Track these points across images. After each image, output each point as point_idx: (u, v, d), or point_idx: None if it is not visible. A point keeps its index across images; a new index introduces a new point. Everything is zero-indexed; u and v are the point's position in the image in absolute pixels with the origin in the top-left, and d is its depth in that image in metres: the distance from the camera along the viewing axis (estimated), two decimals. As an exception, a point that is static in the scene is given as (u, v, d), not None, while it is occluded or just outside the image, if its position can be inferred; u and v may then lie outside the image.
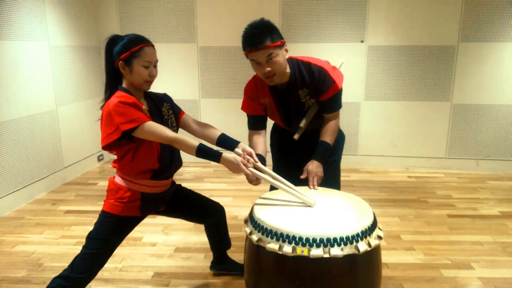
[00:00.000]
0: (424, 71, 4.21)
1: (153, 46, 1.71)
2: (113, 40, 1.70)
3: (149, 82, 1.71)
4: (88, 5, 4.31)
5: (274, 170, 2.02)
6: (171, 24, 4.38)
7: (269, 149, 2.19)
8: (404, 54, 4.19)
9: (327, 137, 1.94)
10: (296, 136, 2.00)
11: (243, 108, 2.09)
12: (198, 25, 4.37)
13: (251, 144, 2.00)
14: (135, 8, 4.38)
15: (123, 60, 1.65)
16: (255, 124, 2.05)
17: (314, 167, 1.87)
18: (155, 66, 1.72)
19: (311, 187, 1.83)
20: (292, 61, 1.92)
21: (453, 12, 4.04)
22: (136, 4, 4.37)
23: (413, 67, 4.21)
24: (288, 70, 1.89)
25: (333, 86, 1.88)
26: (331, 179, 2.05)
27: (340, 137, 2.18)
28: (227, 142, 1.82)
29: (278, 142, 2.28)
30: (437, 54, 4.15)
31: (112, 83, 1.72)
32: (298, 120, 2.00)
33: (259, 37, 1.73)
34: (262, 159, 1.86)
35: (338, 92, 1.93)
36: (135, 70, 1.65)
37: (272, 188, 1.93)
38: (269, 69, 1.78)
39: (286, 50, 1.84)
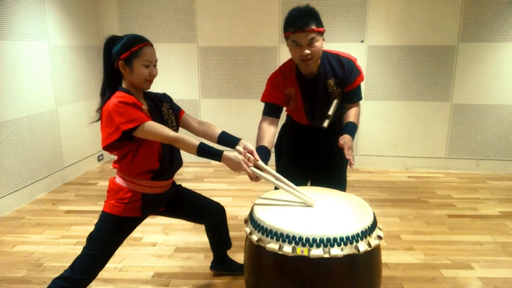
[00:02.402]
0: (424, 71, 4.21)
1: (152, 45, 1.72)
2: (112, 41, 1.70)
3: (150, 81, 1.71)
4: (88, 5, 4.31)
5: (285, 169, 2.03)
6: (171, 24, 4.38)
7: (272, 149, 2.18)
8: (404, 54, 4.19)
9: (352, 118, 1.98)
10: (325, 124, 2.01)
11: (263, 98, 2.06)
12: (198, 25, 4.37)
13: (259, 132, 1.98)
14: (135, 8, 4.38)
15: (123, 60, 1.65)
16: (271, 112, 2.04)
17: (349, 139, 1.87)
18: (155, 66, 1.72)
19: (348, 156, 1.79)
20: (322, 53, 1.97)
21: (453, 12, 4.04)
22: (136, 4, 4.37)
23: (413, 67, 4.21)
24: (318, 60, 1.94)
25: (360, 76, 1.98)
26: (336, 177, 2.10)
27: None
28: (228, 140, 1.82)
29: (291, 141, 2.24)
30: (437, 54, 4.15)
31: (111, 84, 1.71)
32: (322, 111, 2.02)
33: (306, 19, 1.79)
34: (267, 152, 1.85)
35: (360, 84, 2.03)
36: (135, 70, 1.65)
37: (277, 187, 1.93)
38: (308, 51, 1.82)
39: (324, 40, 1.90)
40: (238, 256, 2.36)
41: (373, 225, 1.51)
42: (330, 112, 2.00)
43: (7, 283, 2.24)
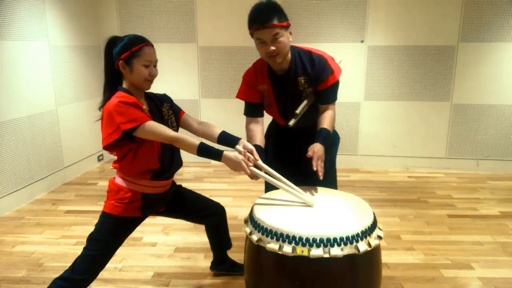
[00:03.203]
0: (424, 71, 4.21)
1: (152, 45, 1.72)
2: (113, 41, 1.71)
3: (150, 81, 1.71)
4: (88, 5, 4.31)
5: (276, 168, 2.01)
6: (171, 24, 4.38)
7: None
8: (404, 54, 4.19)
9: (325, 123, 1.90)
10: (291, 123, 1.98)
11: (239, 95, 2.07)
12: (198, 25, 4.37)
13: (248, 133, 1.98)
14: (135, 8, 4.38)
15: (123, 59, 1.65)
16: (253, 111, 2.03)
17: (319, 148, 1.80)
18: (155, 66, 1.73)
19: (315, 168, 1.73)
20: (293, 49, 1.94)
21: (453, 12, 4.04)
22: (136, 4, 4.37)
23: (413, 67, 4.21)
24: (289, 56, 1.90)
25: (332, 75, 1.90)
26: (325, 180, 1.99)
27: (334, 138, 2.15)
28: (228, 140, 1.82)
29: (275, 142, 2.24)
30: (437, 54, 4.15)
31: (112, 84, 1.72)
32: (295, 109, 1.98)
33: (267, 15, 1.75)
34: (261, 150, 1.85)
35: (336, 83, 1.94)
36: (135, 70, 1.66)
37: (268, 189, 1.92)
38: (273, 48, 1.79)
39: (291, 33, 1.86)
40: (238, 256, 2.36)
41: (373, 225, 1.51)
42: (298, 111, 1.95)
43: (7, 283, 2.24)
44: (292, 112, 1.97)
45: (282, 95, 1.98)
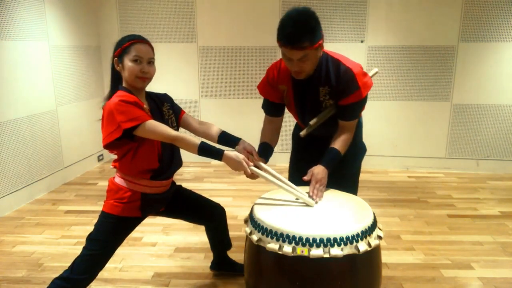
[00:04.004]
0: (424, 71, 4.21)
1: (147, 43, 1.71)
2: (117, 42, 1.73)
3: (142, 79, 1.68)
4: (88, 5, 4.31)
5: (292, 169, 1.99)
6: (171, 24, 4.39)
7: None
8: (404, 54, 4.20)
9: (337, 144, 1.78)
10: (302, 133, 1.88)
11: (259, 88, 1.97)
12: (198, 25, 4.37)
13: (262, 130, 1.93)
14: (135, 8, 4.38)
15: (117, 57, 1.68)
16: (269, 110, 1.95)
17: (319, 171, 1.72)
18: (150, 63, 1.70)
19: (311, 193, 1.67)
20: (322, 55, 1.76)
21: (453, 12, 4.04)
22: (136, 4, 4.37)
23: (413, 67, 4.21)
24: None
25: (357, 92, 1.72)
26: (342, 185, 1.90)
27: (360, 149, 2.06)
28: (228, 140, 1.83)
29: (295, 145, 2.16)
30: (437, 54, 4.15)
31: (114, 83, 1.74)
32: (312, 118, 1.85)
33: (299, 36, 1.56)
34: (267, 147, 1.83)
35: (360, 101, 1.77)
36: (126, 66, 1.66)
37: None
38: (298, 68, 1.67)
39: (322, 47, 1.70)
40: (238, 256, 2.36)
41: (373, 225, 1.51)
42: (311, 122, 1.84)
43: (7, 283, 2.24)
44: (310, 119, 1.86)
45: (302, 100, 1.86)
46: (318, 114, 1.85)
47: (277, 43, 1.66)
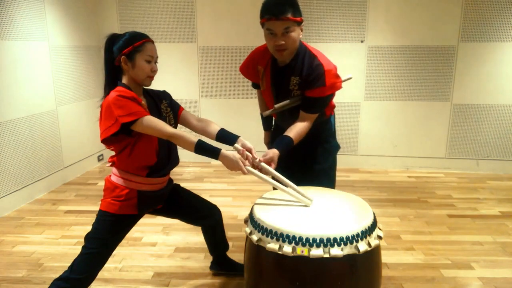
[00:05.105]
0: (424, 71, 4.21)
1: (153, 42, 1.74)
2: (113, 38, 1.72)
3: (151, 78, 1.72)
4: (88, 5, 4.31)
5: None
6: (171, 24, 4.38)
7: None
8: (404, 54, 4.19)
9: (292, 133, 1.83)
10: (265, 113, 1.99)
11: (241, 68, 2.09)
12: (198, 25, 4.37)
13: (258, 100, 2.05)
14: (135, 8, 4.38)
15: (125, 55, 1.66)
16: (256, 86, 2.12)
17: (272, 155, 1.76)
18: (156, 62, 1.74)
19: (257, 159, 1.73)
20: (302, 47, 1.88)
21: (453, 12, 4.04)
22: (136, 4, 4.37)
23: (413, 67, 4.21)
24: (295, 52, 1.86)
25: (321, 88, 1.80)
26: (318, 176, 2.02)
27: (332, 146, 2.13)
28: (227, 137, 1.82)
29: (273, 135, 2.23)
30: (437, 54, 4.15)
31: (112, 81, 1.72)
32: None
33: (282, 7, 1.71)
34: (267, 117, 1.87)
35: (323, 98, 1.85)
36: (138, 65, 1.66)
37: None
38: (283, 42, 1.76)
39: (302, 30, 1.82)
40: (238, 256, 2.36)
41: (373, 225, 1.51)
42: (276, 106, 1.93)
43: (7, 283, 2.24)
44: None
45: (275, 85, 1.96)
46: (283, 101, 1.95)
47: (260, 24, 1.79)
